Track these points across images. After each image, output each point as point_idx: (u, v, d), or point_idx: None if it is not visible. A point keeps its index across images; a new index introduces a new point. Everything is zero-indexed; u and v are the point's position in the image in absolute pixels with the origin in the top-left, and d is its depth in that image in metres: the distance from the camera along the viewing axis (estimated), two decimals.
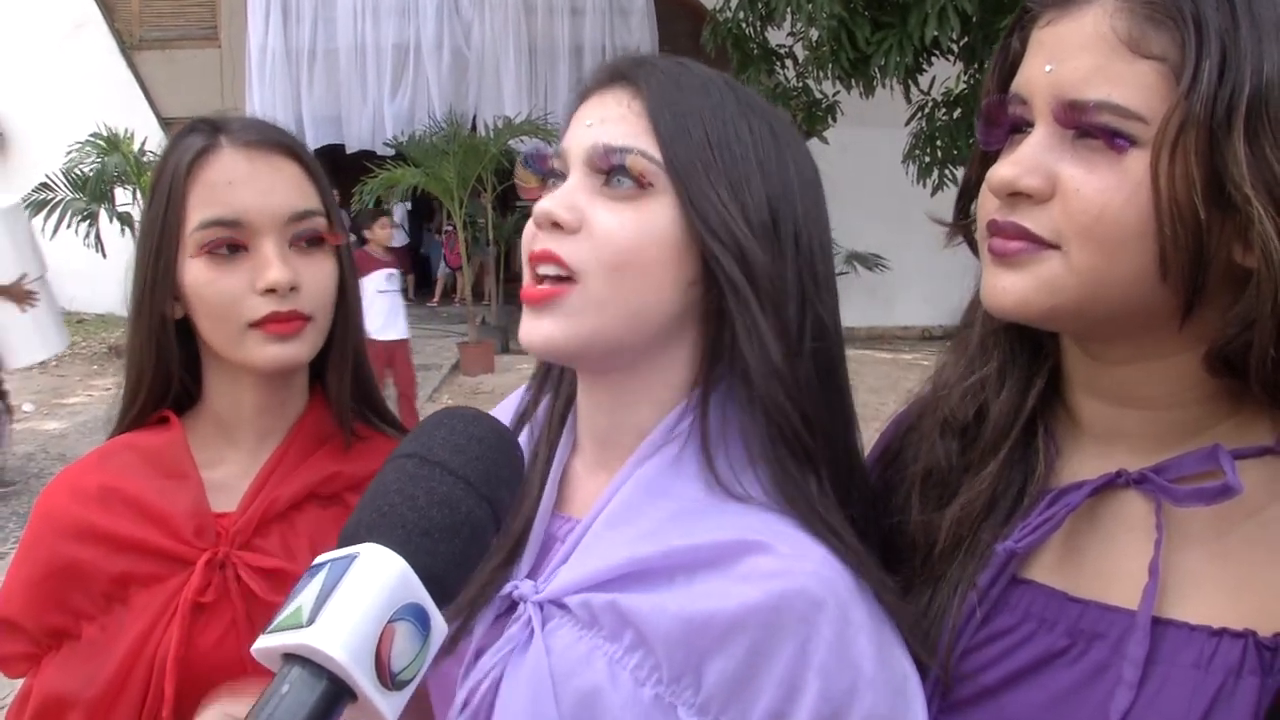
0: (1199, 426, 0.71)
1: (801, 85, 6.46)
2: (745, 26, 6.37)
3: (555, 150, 0.79)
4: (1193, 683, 0.65)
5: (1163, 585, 0.68)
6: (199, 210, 0.98)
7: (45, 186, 8.79)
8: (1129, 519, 0.72)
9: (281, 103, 10.68)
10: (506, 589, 0.78)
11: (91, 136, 8.98)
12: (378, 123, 10.81)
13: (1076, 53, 0.67)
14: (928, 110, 6.11)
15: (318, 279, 1.01)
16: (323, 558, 0.57)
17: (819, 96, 6.45)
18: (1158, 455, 0.71)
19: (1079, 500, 0.73)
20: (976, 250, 0.77)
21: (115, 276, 1.16)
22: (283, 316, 0.98)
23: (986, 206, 0.73)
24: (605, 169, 0.74)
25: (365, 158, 9.95)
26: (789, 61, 6.52)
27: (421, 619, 0.56)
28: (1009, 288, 0.70)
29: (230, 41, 11.24)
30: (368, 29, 10.82)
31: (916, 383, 0.90)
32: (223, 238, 0.98)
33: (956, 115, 5.91)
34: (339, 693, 0.53)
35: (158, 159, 1.06)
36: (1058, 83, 0.67)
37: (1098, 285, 0.67)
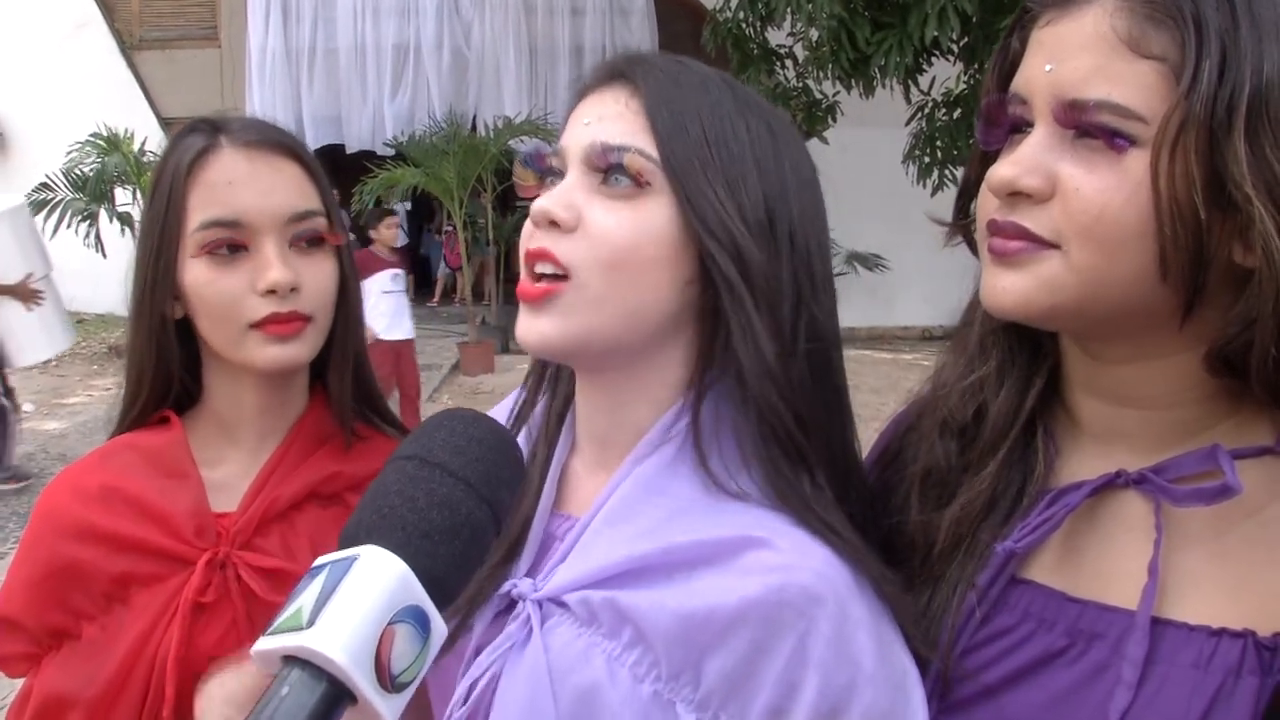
0: (1198, 426, 0.71)
1: (801, 85, 6.46)
2: (745, 27, 6.37)
3: (554, 149, 0.79)
4: (1192, 683, 0.65)
5: (1162, 585, 0.68)
6: (199, 210, 0.98)
7: (45, 186, 8.79)
8: (1128, 519, 0.72)
9: (281, 103, 10.67)
10: (506, 587, 0.78)
11: (91, 136, 8.98)
12: (378, 123, 10.80)
13: (1076, 52, 0.67)
14: (928, 110, 6.11)
15: (318, 279, 1.01)
16: (322, 560, 0.57)
17: (819, 97, 6.45)
18: (1157, 455, 0.71)
19: (1078, 500, 0.73)
20: (976, 250, 0.77)
21: (115, 276, 1.16)
22: (283, 317, 0.98)
23: (986, 206, 0.72)
24: (603, 167, 0.74)
25: (365, 158, 9.94)
26: (789, 62, 6.52)
27: (421, 621, 0.56)
28: (1009, 287, 0.70)
29: (230, 41, 11.23)
30: (368, 29, 10.81)
31: (916, 383, 0.90)
32: (223, 238, 0.98)
33: (956, 115, 5.90)
34: (339, 695, 0.52)
35: (158, 159, 1.05)
36: (1058, 82, 0.67)
37: (1098, 285, 0.67)
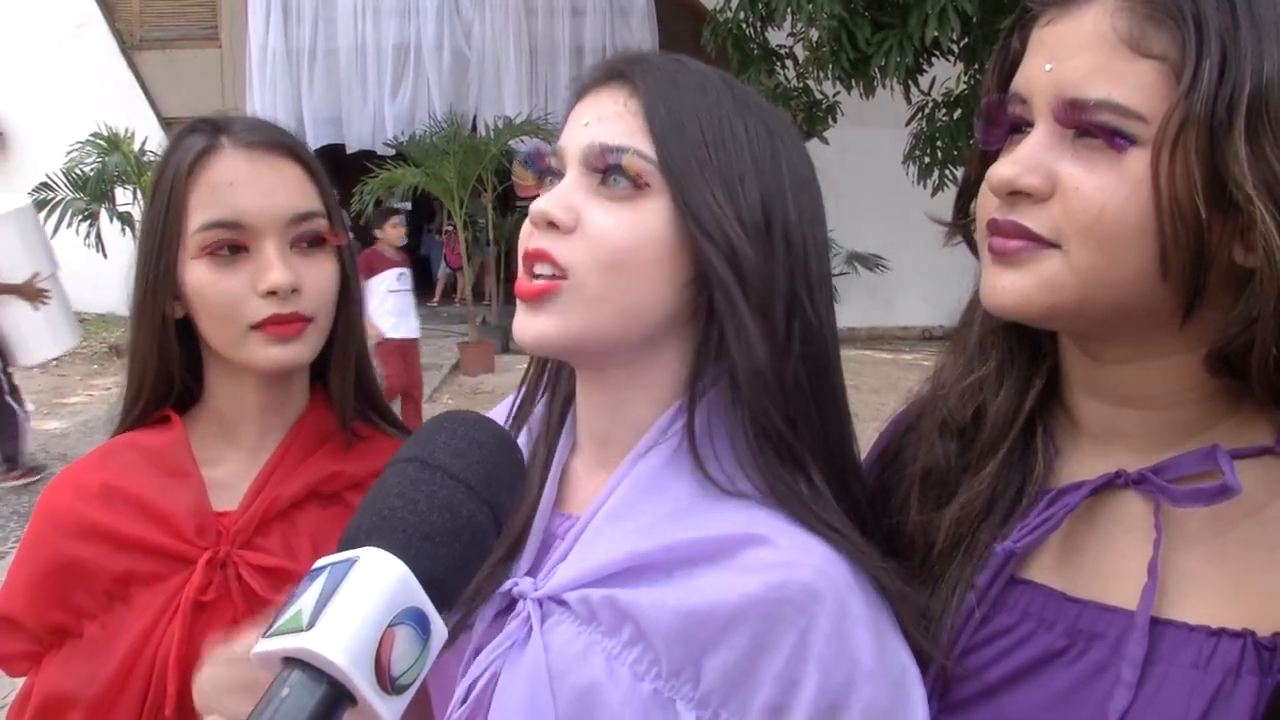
0: (1198, 426, 0.71)
1: (802, 86, 6.45)
2: (745, 27, 6.37)
3: (553, 149, 0.78)
4: (1191, 683, 0.65)
5: (1161, 585, 0.68)
6: (200, 212, 0.98)
7: (46, 186, 8.79)
8: (1127, 519, 0.72)
9: (282, 103, 10.67)
10: (506, 586, 0.78)
11: (92, 136, 8.98)
12: (378, 123, 10.80)
13: (1077, 52, 0.66)
14: (928, 111, 6.10)
15: (319, 280, 1.01)
16: (323, 561, 0.57)
17: (819, 97, 6.44)
18: (1156, 455, 0.71)
19: (1077, 501, 0.73)
20: (976, 250, 0.77)
21: (116, 276, 1.16)
22: (283, 319, 0.98)
23: (986, 205, 0.72)
24: (601, 168, 0.74)
25: (365, 158, 9.93)
26: (789, 62, 6.52)
27: (422, 623, 0.56)
28: (1009, 286, 0.70)
29: (231, 41, 11.23)
30: (368, 29, 10.81)
31: (916, 383, 0.90)
32: (224, 239, 0.98)
33: (957, 116, 5.90)
34: (339, 697, 0.52)
35: (158, 159, 1.05)
36: (1058, 82, 0.67)
37: (1098, 284, 0.67)
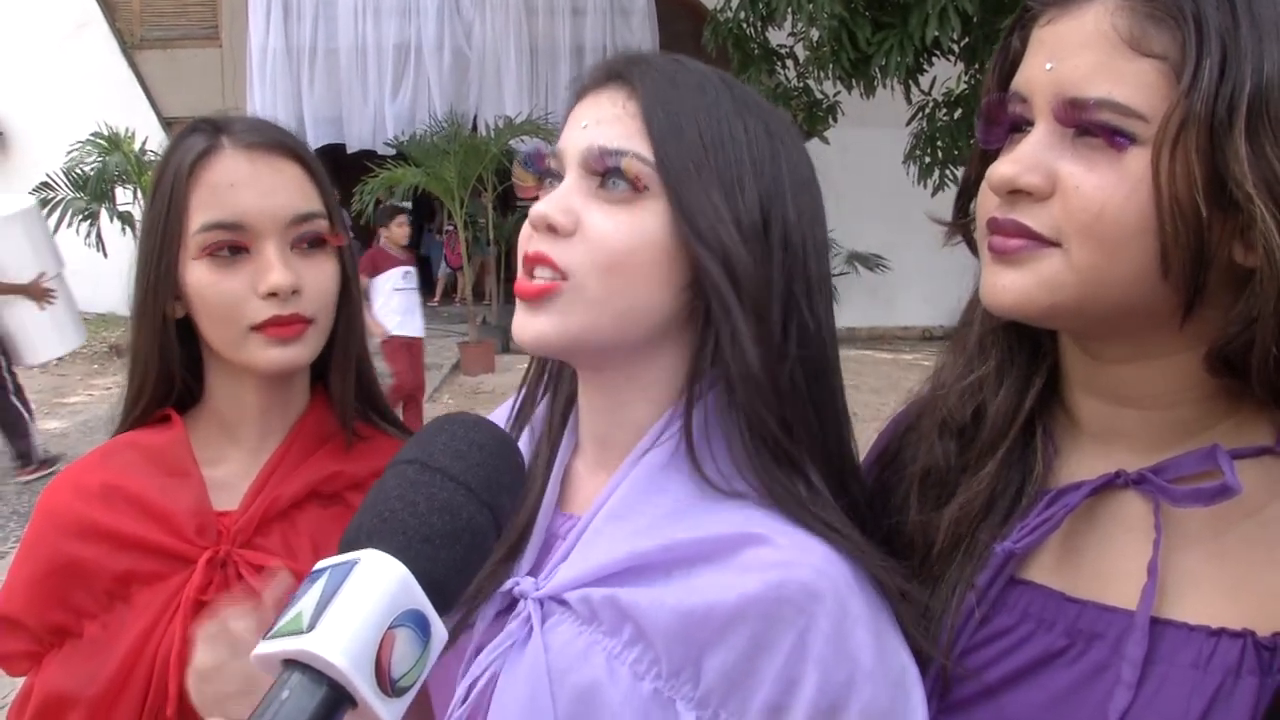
0: (1198, 426, 0.71)
1: (802, 85, 6.45)
2: (746, 27, 6.36)
3: (552, 150, 0.78)
4: (1191, 683, 0.65)
5: (1161, 585, 0.68)
6: (200, 212, 0.98)
7: (46, 186, 8.79)
8: (1127, 519, 0.72)
9: (282, 102, 10.67)
10: (507, 585, 0.78)
11: (92, 136, 8.98)
12: (378, 122, 10.80)
13: (1077, 51, 0.66)
14: (928, 111, 6.10)
15: (319, 281, 1.01)
16: (323, 563, 0.57)
17: (820, 97, 6.44)
18: (1156, 455, 0.71)
19: (1077, 501, 0.73)
20: (976, 249, 0.77)
21: (116, 276, 1.16)
22: (284, 320, 0.98)
23: (986, 205, 0.72)
24: (600, 171, 0.73)
25: (366, 157, 9.93)
26: (790, 62, 6.51)
27: (422, 625, 0.56)
28: (1009, 285, 0.70)
29: (231, 41, 11.23)
30: (369, 29, 10.81)
31: (916, 383, 0.90)
32: (224, 240, 0.98)
33: (957, 115, 5.90)
34: (339, 699, 0.52)
35: (159, 159, 1.05)
36: (1058, 81, 0.67)
37: (1098, 283, 0.67)
